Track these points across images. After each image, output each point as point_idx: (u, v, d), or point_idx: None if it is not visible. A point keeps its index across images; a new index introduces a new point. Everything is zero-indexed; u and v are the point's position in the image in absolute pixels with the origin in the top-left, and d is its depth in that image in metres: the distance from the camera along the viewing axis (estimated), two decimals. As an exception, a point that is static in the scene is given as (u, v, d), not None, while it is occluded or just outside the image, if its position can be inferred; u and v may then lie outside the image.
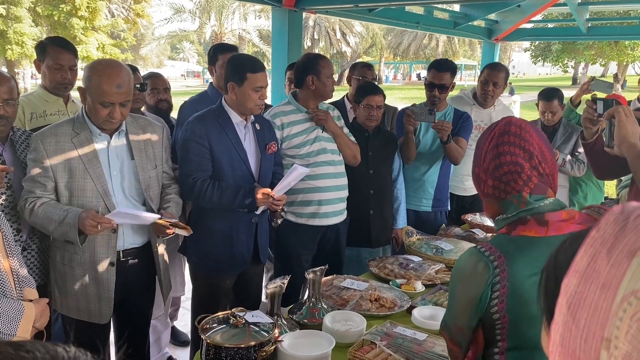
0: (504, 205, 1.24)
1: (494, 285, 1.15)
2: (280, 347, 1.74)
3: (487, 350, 1.26)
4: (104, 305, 2.21)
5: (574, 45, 24.66)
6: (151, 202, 2.26)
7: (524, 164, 1.21)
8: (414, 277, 2.57)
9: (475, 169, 1.32)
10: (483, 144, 1.30)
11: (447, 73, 3.27)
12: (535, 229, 1.18)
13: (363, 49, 43.06)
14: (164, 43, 42.96)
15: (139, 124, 2.30)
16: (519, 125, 1.25)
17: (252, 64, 2.44)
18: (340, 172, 2.92)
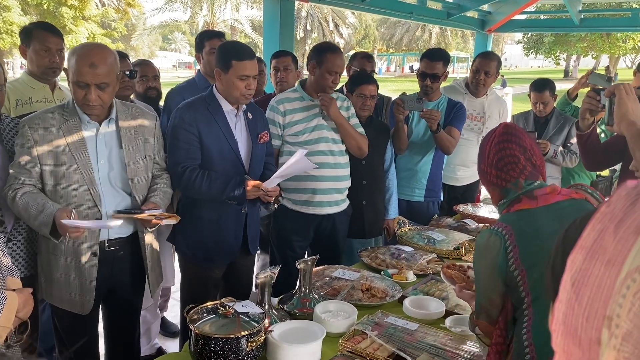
0: (505, 192, 1.52)
1: (507, 248, 1.40)
2: (270, 337, 1.72)
3: (517, 312, 1.45)
4: (86, 296, 2.18)
5: (566, 38, 24.71)
6: (136, 192, 2.22)
7: (520, 157, 1.51)
8: (405, 267, 2.56)
9: (480, 165, 1.60)
10: (487, 144, 1.58)
11: (440, 62, 3.25)
12: (527, 203, 1.46)
13: (356, 41, 42.93)
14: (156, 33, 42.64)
15: (130, 112, 2.25)
16: (515, 128, 1.57)
17: (239, 51, 2.38)
18: (340, 163, 2.88)
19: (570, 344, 0.39)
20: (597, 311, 0.36)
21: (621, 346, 0.34)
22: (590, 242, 0.39)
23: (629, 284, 0.35)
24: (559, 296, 0.41)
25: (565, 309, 0.40)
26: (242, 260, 2.64)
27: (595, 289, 0.37)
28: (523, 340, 1.39)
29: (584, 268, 0.38)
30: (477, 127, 3.64)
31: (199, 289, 2.53)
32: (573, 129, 3.78)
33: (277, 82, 3.43)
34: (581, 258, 0.39)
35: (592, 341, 0.37)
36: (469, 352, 1.76)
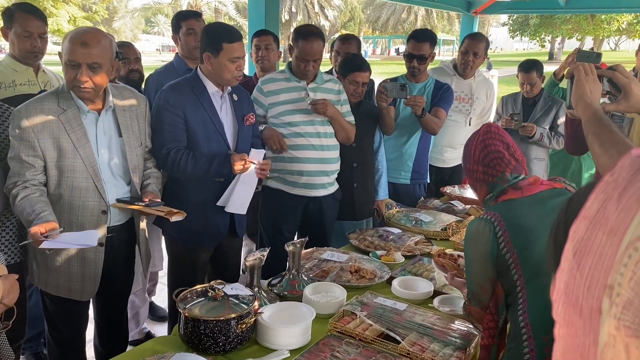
0: (492, 187, 1.59)
1: (497, 234, 1.45)
2: (260, 319, 1.73)
3: (509, 296, 1.49)
4: (87, 284, 2.17)
5: (551, 20, 24.75)
6: (136, 182, 2.21)
7: (504, 152, 1.59)
8: (393, 248, 2.57)
9: (466, 164, 1.66)
10: (471, 144, 1.65)
11: (427, 43, 3.23)
12: (513, 194, 1.53)
13: (341, 23, 42.61)
14: (138, 16, 41.88)
15: (123, 95, 2.22)
16: (497, 127, 1.66)
17: (229, 33, 2.36)
18: (328, 145, 2.86)
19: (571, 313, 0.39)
20: (599, 280, 0.36)
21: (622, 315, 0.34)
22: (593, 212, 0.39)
23: (631, 253, 0.34)
24: (561, 266, 0.40)
25: (567, 279, 0.39)
26: (229, 242, 2.63)
27: (597, 259, 0.37)
28: (519, 322, 1.44)
29: (586, 237, 0.38)
30: (465, 109, 3.64)
31: (186, 272, 2.52)
32: (560, 111, 3.80)
33: (257, 60, 3.39)
34: (584, 227, 0.39)
35: (593, 310, 0.37)
36: (457, 330, 1.78)
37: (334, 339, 1.74)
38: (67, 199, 2.07)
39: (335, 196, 2.99)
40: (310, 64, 2.75)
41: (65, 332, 2.26)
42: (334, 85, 2.91)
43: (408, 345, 1.66)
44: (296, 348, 1.69)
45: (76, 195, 2.07)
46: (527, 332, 1.42)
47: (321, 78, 2.88)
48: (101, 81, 2.03)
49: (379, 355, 1.65)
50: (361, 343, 1.71)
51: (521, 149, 3.90)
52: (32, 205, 1.97)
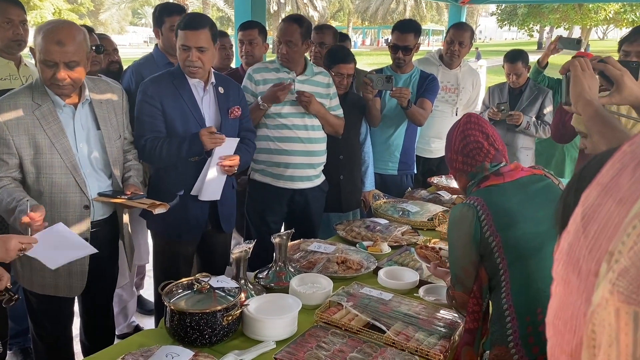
0: (471, 177, 1.62)
1: (480, 217, 1.48)
2: (246, 310, 1.73)
3: (492, 279, 1.53)
4: (75, 280, 2.16)
5: (539, 9, 24.79)
6: (117, 175, 2.20)
7: (483, 142, 1.61)
8: (380, 239, 2.58)
9: (447, 154, 1.70)
10: (452, 134, 1.67)
11: (411, 34, 3.23)
12: (495, 180, 1.56)
13: (330, 14, 42.43)
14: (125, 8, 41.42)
15: (99, 88, 2.20)
16: (477, 117, 1.68)
17: (185, 20, 2.32)
18: (314, 138, 2.86)
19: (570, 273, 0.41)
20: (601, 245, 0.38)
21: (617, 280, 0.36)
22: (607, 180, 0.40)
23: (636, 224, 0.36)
24: (568, 228, 0.42)
25: (571, 240, 0.41)
26: (214, 237, 2.63)
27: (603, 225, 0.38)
28: (502, 304, 1.48)
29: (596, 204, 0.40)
30: (452, 99, 3.65)
31: (169, 265, 2.53)
32: (547, 100, 3.82)
33: (242, 55, 3.37)
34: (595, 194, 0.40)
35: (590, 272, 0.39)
36: (442, 319, 1.79)
37: (320, 329, 1.75)
38: (47, 195, 2.04)
39: (322, 188, 2.99)
40: (284, 46, 2.73)
41: (50, 329, 2.25)
42: (323, 78, 2.90)
43: (393, 335, 1.68)
44: (282, 339, 1.70)
45: (56, 191, 2.04)
46: (511, 314, 1.46)
47: (311, 70, 2.87)
48: (79, 76, 2.00)
49: (364, 345, 1.66)
50: (347, 333, 1.73)
51: (508, 138, 3.95)
52: (10, 194, 1.94)
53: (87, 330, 2.43)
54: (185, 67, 2.35)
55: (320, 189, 2.98)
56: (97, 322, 2.43)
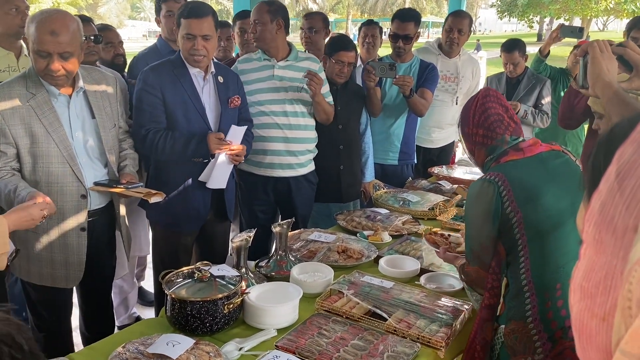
0: (491, 150, 1.61)
1: (502, 193, 1.47)
2: (247, 298, 1.73)
3: (509, 255, 1.52)
4: (72, 270, 2.15)
5: (539, 0, 24.68)
6: (113, 164, 2.19)
7: (504, 114, 1.62)
8: (381, 228, 2.58)
9: (464, 129, 1.67)
10: (470, 107, 1.65)
11: (411, 23, 3.22)
12: (514, 155, 1.55)
13: (330, 6, 42.26)
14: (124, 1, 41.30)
15: (93, 77, 2.18)
16: (495, 91, 1.68)
17: (188, 8, 2.30)
18: (295, 124, 2.83)
19: (603, 232, 0.40)
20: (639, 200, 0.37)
21: None
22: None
23: None
24: (599, 188, 0.41)
25: (604, 199, 0.40)
26: (214, 226, 2.62)
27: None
28: (521, 280, 1.49)
29: (632, 160, 0.39)
30: (452, 88, 3.64)
31: (169, 255, 2.52)
32: (544, 89, 3.81)
33: (242, 44, 3.35)
34: (631, 150, 0.40)
35: (628, 228, 0.38)
36: (443, 307, 1.79)
37: (321, 317, 1.74)
38: (44, 185, 2.03)
39: (308, 178, 2.95)
40: (253, 26, 2.73)
41: (49, 320, 2.25)
42: (311, 63, 2.86)
43: (395, 322, 1.68)
44: (284, 327, 1.70)
45: (53, 180, 2.04)
46: (530, 290, 1.47)
47: (295, 56, 2.83)
48: (73, 67, 1.99)
49: (365, 332, 1.66)
50: (348, 321, 1.72)
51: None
52: (7, 184, 1.94)
53: (87, 322, 2.43)
54: (189, 56, 2.33)
55: (306, 179, 2.94)
56: (97, 312, 2.43)
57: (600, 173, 0.43)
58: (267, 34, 2.73)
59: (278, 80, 2.78)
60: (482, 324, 1.57)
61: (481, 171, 1.69)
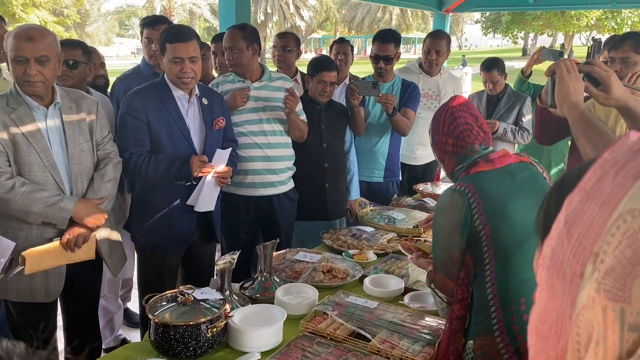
0: (461, 159, 1.62)
1: (471, 205, 1.47)
2: (231, 322, 1.73)
3: (477, 267, 1.52)
4: (52, 283, 2.15)
5: (522, 16, 25.07)
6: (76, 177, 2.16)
7: (473, 124, 1.62)
8: (366, 247, 2.59)
9: (434, 137, 1.67)
10: (440, 116, 1.66)
11: (391, 44, 3.29)
12: (484, 166, 1.55)
13: (317, 23, 42.66)
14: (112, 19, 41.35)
15: (71, 97, 2.22)
16: (464, 99, 1.69)
17: (172, 33, 2.34)
18: (274, 143, 2.85)
19: (554, 277, 0.42)
20: (585, 247, 0.39)
21: (603, 279, 0.37)
22: (589, 185, 0.41)
23: (620, 225, 0.37)
24: (550, 234, 0.43)
25: (554, 245, 0.42)
26: (201, 247, 2.62)
27: (586, 228, 0.40)
28: (487, 294, 1.49)
29: (579, 208, 0.41)
30: (434, 105, 3.69)
31: (154, 277, 2.52)
32: (524, 107, 3.87)
33: (216, 67, 3.38)
34: (578, 199, 0.41)
35: (575, 274, 0.40)
36: (426, 326, 1.80)
37: (305, 339, 1.75)
38: None
39: (290, 195, 2.98)
40: (228, 52, 2.76)
41: (32, 341, 2.22)
42: (284, 83, 2.91)
43: (378, 343, 1.68)
44: (268, 350, 1.70)
45: None
46: (495, 304, 1.47)
47: (269, 76, 2.88)
48: (50, 75, 2.05)
49: (349, 354, 1.66)
50: (332, 342, 1.73)
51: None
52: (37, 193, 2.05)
53: (72, 343, 2.41)
54: (177, 80, 2.36)
55: (287, 196, 2.97)
56: (82, 335, 2.41)
57: (551, 219, 0.44)
58: (243, 60, 2.78)
59: (254, 101, 2.81)
60: (454, 335, 1.57)
61: (450, 179, 1.71)
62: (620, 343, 0.36)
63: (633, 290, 0.35)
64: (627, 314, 0.36)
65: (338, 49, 3.83)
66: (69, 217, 2.07)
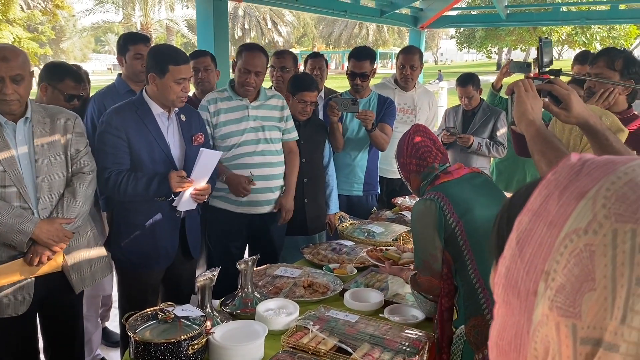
0: (424, 176, 1.88)
1: (442, 207, 1.71)
2: (211, 338, 1.72)
3: (457, 262, 1.72)
4: (20, 296, 2.12)
5: (496, 32, 25.64)
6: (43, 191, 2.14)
7: (432, 146, 1.91)
8: (346, 261, 2.61)
9: (400, 159, 1.95)
10: (404, 142, 1.94)
11: (367, 61, 3.34)
12: (445, 177, 1.83)
13: (295, 39, 42.96)
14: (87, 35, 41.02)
15: (47, 112, 2.21)
16: (424, 127, 1.99)
17: (175, 55, 2.38)
18: (271, 162, 2.89)
19: (510, 295, 0.44)
20: (537, 266, 0.41)
21: (554, 297, 0.39)
22: (536, 206, 0.43)
23: (567, 244, 0.40)
24: (504, 254, 0.45)
25: (508, 264, 0.44)
26: (181, 264, 2.61)
27: (537, 247, 0.42)
28: (472, 280, 1.68)
29: (529, 228, 0.43)
30: (410, 120, 3.75)
31: (137, 295, 2.49)
32: (499, 121, 3.96)
33: (197, 82, 3.39)
34: (527, 220, 0.44)
35: (529, 292, 0.42)
36: (406, 338, 1.82)
37: (287, 354, 1.75)
38: None
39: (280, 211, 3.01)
40: (252, 76, 2.77)
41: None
42: (277, 101, 2.95)
43: (360, 357, 1.69)
44: (249, 366, 1.70)
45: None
46: (481, 286, 1.66)
47: (264, 95, 2.91)
48: (24, 93, 2.07)
49: (331, 367, 1.67)
50: (314, 357, 1.73)
51: (462, 158, 4.09)
52: None
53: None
54: (177, 99, 2.40)
55: (280, 211, 3.00)
56: (62, 354, 2.37)
57: (503, 239, 0.46)
58: (261, 84, 2.84)
59: (252, 121, 2.83)
60: (445, 324, 1.75)
61: (417, 195, 1.96)
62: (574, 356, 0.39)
63: (582, 306, 0.38)
64: (578, 329, 0.38)
65: (313, 64, 3.87)
66: (27, 239, 2.05)
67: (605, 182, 0.40)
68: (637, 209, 0.38)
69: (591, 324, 0.38)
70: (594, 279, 0.38)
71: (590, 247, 0.38)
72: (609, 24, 16.89)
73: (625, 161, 0.42)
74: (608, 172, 0.41)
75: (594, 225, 0.39)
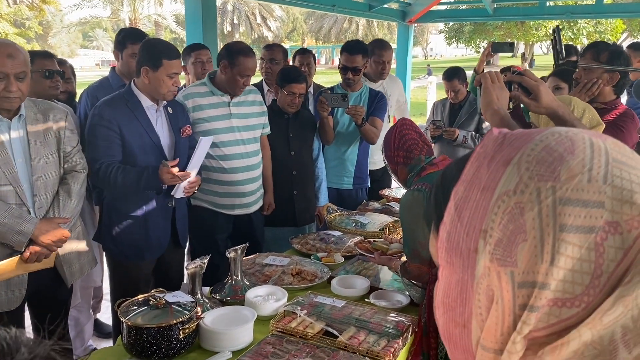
0: (411, 168, 1.97)
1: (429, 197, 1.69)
2: (202, 323, 1.78)
3: None
4: (13, 291, 2.15)
5: (484, 26, 25.77)
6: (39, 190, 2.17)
7: (418, 139, 1.99)
8: (334, 250, 2.67)
9: (387, 152, 2.02)
10: (390, 135, 2.01)
11: (359, 55, 3.38)
12: (431, 169, 1.92)
13: (284, 34, 42.86)
14: (75, 31, 40.72)
15: (39, 108, 2.24)
16: (410, 120, 2.06)
17: (168, 50, 2.42)
18: (252, 165, 2.90)
19: (452, 256, 0.50)
20: (475, 227, 0.47)
21: (494, 250, 0.46)
22: (470, 176, 0.50)
23: (500, 204, 0.46)
24: (444, 220, 0.51)
25: (449, 229, 0.50)
26: (171, 254, 2.65)
27: (473, 210, 0.48)
28: None
29: (465, 196, 0.49)
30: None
31: (129, 286, 2.52)
32: None
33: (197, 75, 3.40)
34: (462, 189, 0.50)
35: (470, 250, 0.48)
36: (390, 322, 1.88)
37: (275, 338, 1.80)
38: None
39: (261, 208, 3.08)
40: (249, 79, 2.80)
41: None
42: (256, 96, 2.97)
43: (345, 339, 1.76)
44: (239, 349, 1.75)
45: None
46: None
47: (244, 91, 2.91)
48: (26, 90, 2.10)
49: (317, 350, 1.73)
50: (301, 340, 1.79)
51: (449, 151, 4.16)
52: None
53: None
54: (168, 93, 2.44)
55: (260, 209, 3.06)
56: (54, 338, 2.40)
57: (441, 208, 0.53)
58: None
59: (235, 118, 2.83)
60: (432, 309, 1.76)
61: (404, 187, 2.04)
62: (513, 299, 0.45)
63: (518, 255, 0.44)
64: (515, 275, 0.45)
65: (301, 60, 3.90)
66: (27, 240, 2.08)
67: (525, 149, 0.47)
68: (554, 169, 0.45)
69: (526, 269, 0.44)
70: (525, 231, 0.44)
71: (519, 205, 0.45)
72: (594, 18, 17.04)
73: (539, 131, 0.49)
74: (527, 141, 0.48)
75: (521, 186, 0.45)
